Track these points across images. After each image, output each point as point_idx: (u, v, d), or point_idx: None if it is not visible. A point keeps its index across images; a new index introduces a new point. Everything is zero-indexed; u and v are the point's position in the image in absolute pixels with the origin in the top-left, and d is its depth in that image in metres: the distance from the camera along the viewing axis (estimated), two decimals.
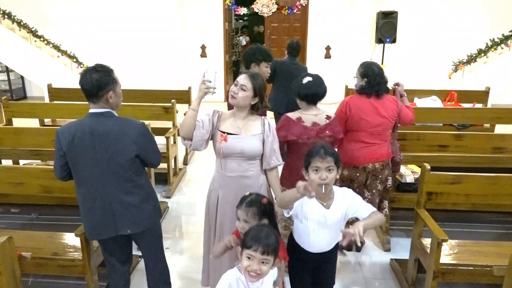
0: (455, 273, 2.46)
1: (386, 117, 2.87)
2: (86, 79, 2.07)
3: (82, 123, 2.13)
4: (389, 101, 2.94)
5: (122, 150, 2.07)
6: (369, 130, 2.86)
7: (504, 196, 2.69)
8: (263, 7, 8.74)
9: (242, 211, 1.97)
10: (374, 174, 2.95)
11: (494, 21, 8.26)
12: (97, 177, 2.09)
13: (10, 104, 4.49)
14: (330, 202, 1.94)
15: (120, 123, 2.11)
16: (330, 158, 1.83)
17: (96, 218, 2.15)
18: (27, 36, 8.29)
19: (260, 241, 1.62)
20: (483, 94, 5.28)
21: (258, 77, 2.27)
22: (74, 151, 2.07)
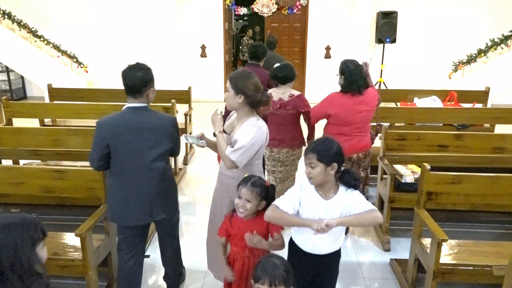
0: (455, 273, 2.47)
1: (368, 110, 3.13)
2: (132, 76, 2.26)
3: (123, 116, 2.27)
4: (370, 92, 3.15)
5: (160, 142, 2.27)
6: (352, 126, 3.10)
7: (504, 196, 2.69)
8: (263, 7, 8.74)
9: (247, 190, 2.02)
10: (357, 163, 3.23)
11: (494, 21, 8.26)
12: (136, 167, 2.25)
13: (10, 104, 4.49)
14: (330, 195, 1.94)
15: (157, 117, 2.31)
16: (312, 155, 1.88)
17: (132, 205, 2.28)
18: (27, 36, 8.29)
19: (266, 273, 1.65)
20: (483, 94, 5.28)
21: (236, 76, 2.24)
22: (117, 142, 2.22)
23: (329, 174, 1.89)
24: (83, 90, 6.55)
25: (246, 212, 2.05)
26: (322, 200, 1.92)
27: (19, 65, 8.44)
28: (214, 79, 8.98)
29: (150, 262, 3.08)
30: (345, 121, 3.08)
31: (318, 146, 1.92)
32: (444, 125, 4.78)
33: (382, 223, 3.41)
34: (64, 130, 3.70)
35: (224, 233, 2.16)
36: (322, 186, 1.94)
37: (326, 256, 2.02)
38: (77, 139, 3.58)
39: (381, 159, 3.57)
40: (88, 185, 2.64)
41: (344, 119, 3.07)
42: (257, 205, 2.06)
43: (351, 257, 3.23)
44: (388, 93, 6.33)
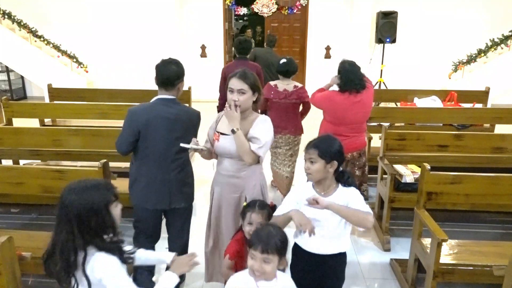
0: (455, 273, 2.46)
1: (365, 110, 3.23)
2: (167, 69, 2.42)
3: (155, 106, 2.41)
4: (367, 92, 3.23)
5: (185, 133, 2.39)
6: (349, 126, 3.20)
7: (504, 196, 2.69)
8: (263, 7, 8.75)
9: (257, 214, 2.00)
10: (352, 162, 3.35)
11: (494, 21, 8.26)
12: (162, 155, 2.39)
13: (10, 104, 4.49)
14: (329, 193, 1.94)
15: (185, 110, 2.49)
16: (313, 150, 1.89)
17: (154, 190, 2.43)
18: (27, 36, 8.30)
19: (260, 240, 1.65)
20: (483, 94, 5.28)
21: (247, 73, 2.24)
22: (147, 130, 2.36)
23: (328, 171, 1.89)
24: (83, 90, 6.54)
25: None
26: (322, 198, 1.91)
27: (19, 65, 8.44)
28: (214, 79, 8.96)
29: None
30: (342, 120, 3.17)
31: (320, 142, 1.92)
32: (444, 125, 4.78)
33: (382, 225, 3.42)
34: (64, 130, 3.70)
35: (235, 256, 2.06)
36: (320, 184, 1.94)
37: (329, 257, 1.99)
38: (77, 139, 3.57)
39: (381, 159, 3.57)
40: None
41: (340, 119, 3.17)
42: None
43: (351, 257, 3.23)
44: (388, 93, 6.34)
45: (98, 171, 2.58)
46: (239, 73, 2.23)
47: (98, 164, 2.58)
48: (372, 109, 4.71)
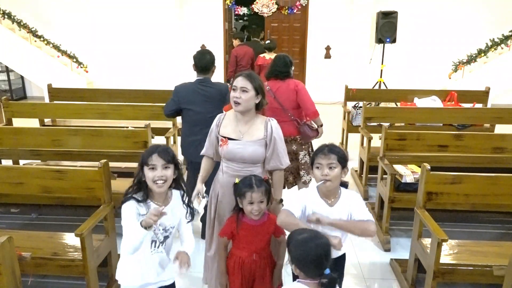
0: (455, 273, 2.46)
1: (283, 99, 3.43)
2: (203, 58, 3.23)
3: (193, 85, 3.20)
4: (287, 86, 3.46)
5: (215, 105, 3.06)
6: (269, 109, 3.28)
7: (504, 196, 2.69)
8: (263, 7, 8.74)
9: (257, 193, 2.03)
10: None
11: (494, 21, 8.26)
12: (200, 120, 3.11)
13: (10, 104, 4.49)
14: (335, 201, 1.93)
15: (215, 87, 3.21)
16: (334, 156, 1.87)
17: (195, 146, 3.06)
18: (27, 36, 8.30)
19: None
20: (483, 94, 5.28)
21: (254, 74, 2.28)
22: (188, 103, 3.15)
23: (342, 178, 1.90)
24: (83, 90, 6.54)
25: (260, 214, 2.07)
26: (328, 208, 1.92)
27: (19, 65, 8.44)
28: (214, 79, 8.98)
29: None
30: None
31: (335, 148, 1.92)
32: (444, 125, 4.78)
33: (382, 225, 3.42)
34: (64, 130, 3.70)
35: (228, 235, 2.14)
36: (329, 192, 1.93)
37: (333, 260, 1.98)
38: (77, 139, 3.57)
39: (381, 159, 3.57)
40: (88, 185, 2.63)
41: None
42: (266, 203, 2.09)
43: (351, 257, 3.23)
44: (388, 93, 6.33)
45: (98, 171, 2.58)
46: (245, 73, 2.27)
47: (98, 164, 2.57)
48: (372, 109, 4.76)
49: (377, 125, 4.49)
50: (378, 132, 3.82)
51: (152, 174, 1.81)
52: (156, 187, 1.83)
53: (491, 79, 7.42)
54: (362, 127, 4.59)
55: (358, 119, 5.26)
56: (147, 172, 1.82)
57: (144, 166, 1.83)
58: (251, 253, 2.12)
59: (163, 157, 1.82)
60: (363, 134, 4.44)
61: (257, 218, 2.08)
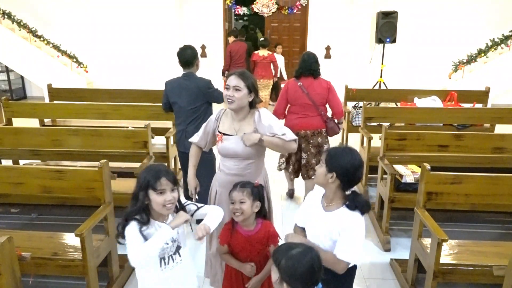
0: (455, 273, 2.46)
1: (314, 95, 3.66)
2: (186, 53, 3.36)
3: (178, 79, 3.42)
4: (320, 83, 3.72)
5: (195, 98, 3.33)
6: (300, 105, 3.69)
7: (504, 196, 2.69)
8: (263, 7, 8.74)
9: (238, 192, 2.04)
10: (306, 139, 3.73)
11: (494, 21, 8.26)
12: (184, 112, 3.37)
13: (10, 104, 4.49)
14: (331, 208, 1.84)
15: (196, 81, 3.36)
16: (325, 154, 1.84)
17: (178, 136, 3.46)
18: (27, 36, 8.29)
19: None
20: (483, 94, 5.28)
21: (246, 73, 2.31)
22: (172, 95, 3.41)
23: (328, 181, 1.79)
24: (83, 90, 6.54)
25: (242, 216, 2.04)
26: (322, 211, 1.87)
27: (19, 65, 8.44)
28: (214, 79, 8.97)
29: None
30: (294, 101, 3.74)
31: (334, 149, 1.85)
32: (444, 125, 4.78)
33: (382, 225, 3.41)
34: (64, 130, 3.69)
35: (226, 242, 2.13)
36: (325, 194, 1.88)
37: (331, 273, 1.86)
38: (77, 139, 3.57)
39: (381, 159, 3.57)
40: (88, 185, 2.63)
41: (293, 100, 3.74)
42: (251, 205, 2.04)
43: None
44: (388, 93, 6.33)
45: (98, 171, 2.58)
46: (238, 72, 2.30)
47: (98, 164, 2.57)
48: (372, 109, 4.76)
49: (377, 125, 4.48)
50: (378, 132, 3.82)
51: (162, 198, 1.77)
52: (166, 210, 1.80)
53: (491, 79, 7.42)
54: (362, 127, 4.58)
55: (358, 119, 5.26)
56: (155, 197, 1.77)
57: (150, 190, 1.77)
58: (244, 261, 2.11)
59: (171, 180, 1.79)
60: (363, 134, 4.43)
61: (239, 219, 2.05)
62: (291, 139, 2.31)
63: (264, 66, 7.21)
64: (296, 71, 3.78)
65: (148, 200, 1.79)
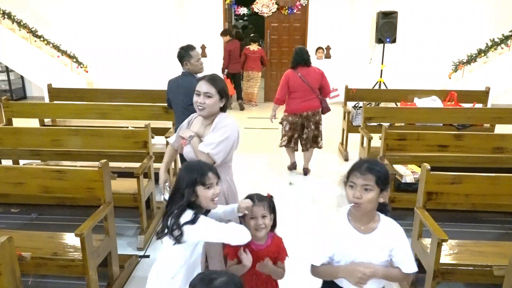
0: (455, 273, 2.46)
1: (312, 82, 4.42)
2: (178, 53, 3.59)
3: (177, 78, 3.65)
4: (314, 71, 4.48)
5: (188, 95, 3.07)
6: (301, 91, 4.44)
7: (504, 196, 2.69)
8: (263, 7, 8.74)
9: (258, 206, 1.97)
10: (308, 118, 4.54)
11: (494, 21, 8.26)
12: (180, 110, 3.55)
13: (10, 104, 4.49)
14: (370, 228, 1.68)
15: (188, 80, 3.47)
16: (371, 176, 1.59)
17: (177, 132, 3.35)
18: (27, 36, 8.29)
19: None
20: (483, 94, 5.28)
21: (217, 78, 2.27)
22: (171, 93, 3.66)
23: (377, 203, 1.65)
24: (83, 90, 6.54)
25: (265, 230, 1.97)
26: (360, 235, 1.66)
27: (19, 65, 8.44)
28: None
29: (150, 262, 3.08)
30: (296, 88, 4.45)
31: (375, 165, 1.63)
32: (444, 125, 4.78)
33: None
34: (64, 130, 3.69)
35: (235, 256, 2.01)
36: (359, 218, 1.68)
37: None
38: (77, 139, 3.57)
39: (381, 159, 3.57)
40: (88, 185, 2.63)
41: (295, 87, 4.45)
42: (270, 218, 1.99)
43: None
44: (388, 93, 6.34)
45: (98, 171, 2.58)
46: (208, 77, 2.25)
47: (98, 164, 2.57)
48: (372, 109, 4.76)
49: (377, 125, 4.49)
50: (378, 132, 3.82)
51: (211, 192, 1.80)
52: (213, 204, 1.83)
53: (491, 79, 7.42)
54: (362, 127, 4.59)
55: (358, 119, 5.27)
56: (203, 192, 1.79)
57: (199, 186, 1.78)
58: (252, 275, 2.03)
59: (216, 174, 1.83)
60: (363, 134, 4.44)
61: (261, 235, 1.97)
62: (202, 150, 2.20)
63: (254, 59, 8.20)
64: (292, 63, 4.48)
65: (195, 197, 1.79)
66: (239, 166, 5.27)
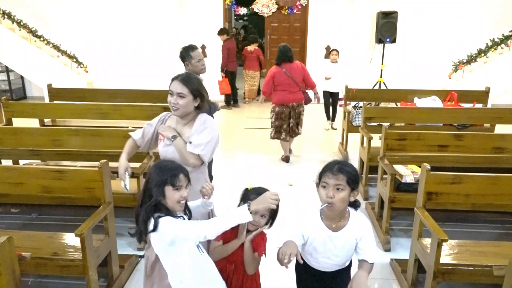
0: (455, 273, 2.46)
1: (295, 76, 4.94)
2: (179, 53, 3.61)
3: None
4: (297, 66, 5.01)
5: None
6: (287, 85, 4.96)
7: (504, 196, 2.69)
8: (263, 7, 8.74)
9: None
10: (293, 109, 5.07)
11: (494, 21, 8.26)
12: None
13: (10, 104, 4.48)
14: (340, 225, 1.79)
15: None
16: (342, 176, 1.68)
17: None
18: (27, 36, 8.29)
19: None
20: (483, 94, 5.28)
21: (191, 78, 2.26)
22: None
23: (348, 202, 1.74)
24: (83, 90, 6.54)
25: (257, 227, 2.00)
26: (330, 233, 1.78)
27: (19, 65, 8.44)
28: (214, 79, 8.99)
29: None
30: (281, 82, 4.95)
31: (345, 166, 1.72)
32: (444, 125, 4.78)
33: (382, 225, 3.42)
34: (64, 130, 3.69)
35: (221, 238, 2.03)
36: (330, 216, 1.78)
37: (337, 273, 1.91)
38: (77, 139, 3.57)
39: (381, 159, 3.57)
40: (88, 185, 2.63)
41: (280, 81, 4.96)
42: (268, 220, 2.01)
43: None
44: (388, 93, 6.33)
45: (98, 171, 2.58)
46: (181, 77, 2.24)
47: (98, 164, 2.57)
48: (372, 109, 4.76)
49: (377, 125, 4.48)
50: (378, 132, 3.82)
51: (178, 194, 1.76)
52: (179, 207, 1.80)
53: (491, 79, 7.42)
54: (362, 127, 4.59)
55: (358, 119, 5.26)
56: (171, 193, 1.75)
57: (167, 186, 1.75)
58: (231, 263, 2.05)
59: (187, 177, 1.81)
60: (363, 134, 4.43)
61: (252, 229, 2.01)
62: (191, 151, 2.19)
63: (252, 59, 8.63)
64: (277, 60, 4.98)
65: (161, 197, 1.75)
66: (239, 166, 5.28)
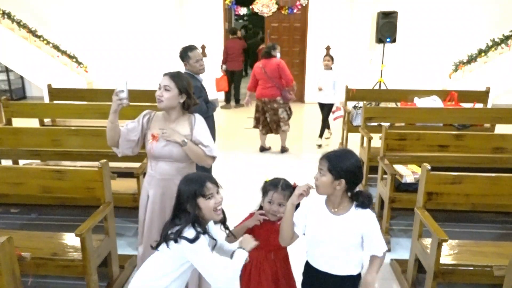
0: (455, 273, 2.46)
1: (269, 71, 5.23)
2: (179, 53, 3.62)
3: None
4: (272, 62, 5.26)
5: None
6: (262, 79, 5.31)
7: (504, 196, 2.69)
8: (263, 7, 8.74)
9: (279, 194, 2.01)
10: (265, 104, 5.39)
11: (494, 21, 8.26)
12: None
13: (10, 104, 4.48)
14: (340, 211, 1.83)
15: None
16: (324, 162, 1.78)
17: None
18: (27, 36, 8.29)
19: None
20: (483, 94, 5.28)
21: (180, 75, 2.33)
22: None
23: (335, 189, 1.77)
24: (83, 90, 6.55)
25: (276, 217, 2.03)
26: (331, 216, 1.83)
27: (19, 65, 8.44)
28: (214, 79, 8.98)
29: None
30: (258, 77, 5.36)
31: (334, 155, 1.80)
32: (444, 125, 4.78)
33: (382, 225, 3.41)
34: (64, 130, 3.69)
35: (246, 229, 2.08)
36: (330, 200, 1.85)
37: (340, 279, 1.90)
38: (77, 139, 3.57)
39: (381, 159, 3.56)
40: (88, 185, 2.63)
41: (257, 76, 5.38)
42: None
43: None
44: (388, 93, 6.33)
45: (98, 171, 2.58)
46: (172, 73, 2.34)
47: (98, 164, 2.58)
48: (372, 109, 4.76)
49: (377, 125, 4.49)
50: (378, 132, 3.82)
51: (213, 202, 1.78)
52: (217, 216, 1.81)
53: (491, 79, 7.42)
54: (362, 127, 4.58)
55: (358, 119, 5.26)
56: (205, 203, 1.77)
57: (200, 198, 1.76)
58: (269, 252, 2.07)
59: (215, 182, 1.82)
60: (363, 134, 4.43)
61: (274, 219, 2.04)
62: (210, 155, 2.34)
63: None
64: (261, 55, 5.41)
65: (198, 210, 1.77)
66: (239, 166, 5.28)
